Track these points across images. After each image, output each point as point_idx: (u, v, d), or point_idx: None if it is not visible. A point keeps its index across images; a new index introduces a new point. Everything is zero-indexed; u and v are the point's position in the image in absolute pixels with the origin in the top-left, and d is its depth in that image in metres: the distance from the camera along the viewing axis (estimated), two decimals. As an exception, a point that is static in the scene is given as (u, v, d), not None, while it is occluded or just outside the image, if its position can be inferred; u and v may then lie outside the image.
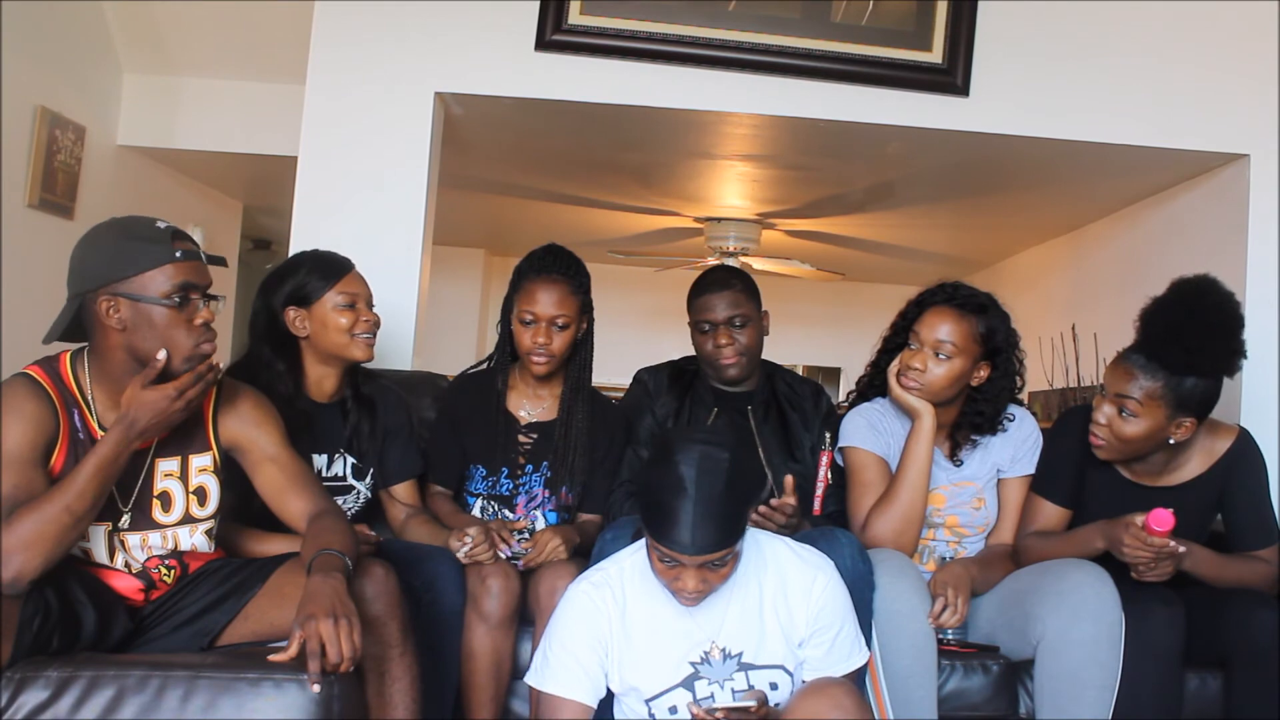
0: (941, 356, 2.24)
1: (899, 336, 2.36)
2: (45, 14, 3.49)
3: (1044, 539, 2.27)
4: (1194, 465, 2.26)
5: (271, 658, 1.59)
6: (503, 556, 2.14)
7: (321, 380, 2.28)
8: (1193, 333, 2.10)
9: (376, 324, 2.28)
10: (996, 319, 2.30)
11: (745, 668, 1.77)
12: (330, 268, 2.26)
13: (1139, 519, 2.04)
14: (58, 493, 1.64)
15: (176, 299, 1.73)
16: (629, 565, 1.82)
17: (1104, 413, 2.19)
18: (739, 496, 1.68)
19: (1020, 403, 2.45)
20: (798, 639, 1.80)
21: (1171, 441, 2.18)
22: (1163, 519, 2.01)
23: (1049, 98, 3.13)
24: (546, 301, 2.30)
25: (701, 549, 1.64)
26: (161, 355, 1.72)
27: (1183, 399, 2.12)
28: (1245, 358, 2.16)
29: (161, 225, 1.77)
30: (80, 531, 1.67)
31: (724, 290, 2.45)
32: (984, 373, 2.29)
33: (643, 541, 1.81)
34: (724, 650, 1.77)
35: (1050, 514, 2.31)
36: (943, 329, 2.25)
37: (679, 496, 1.63)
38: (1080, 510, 2.30)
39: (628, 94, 3.10)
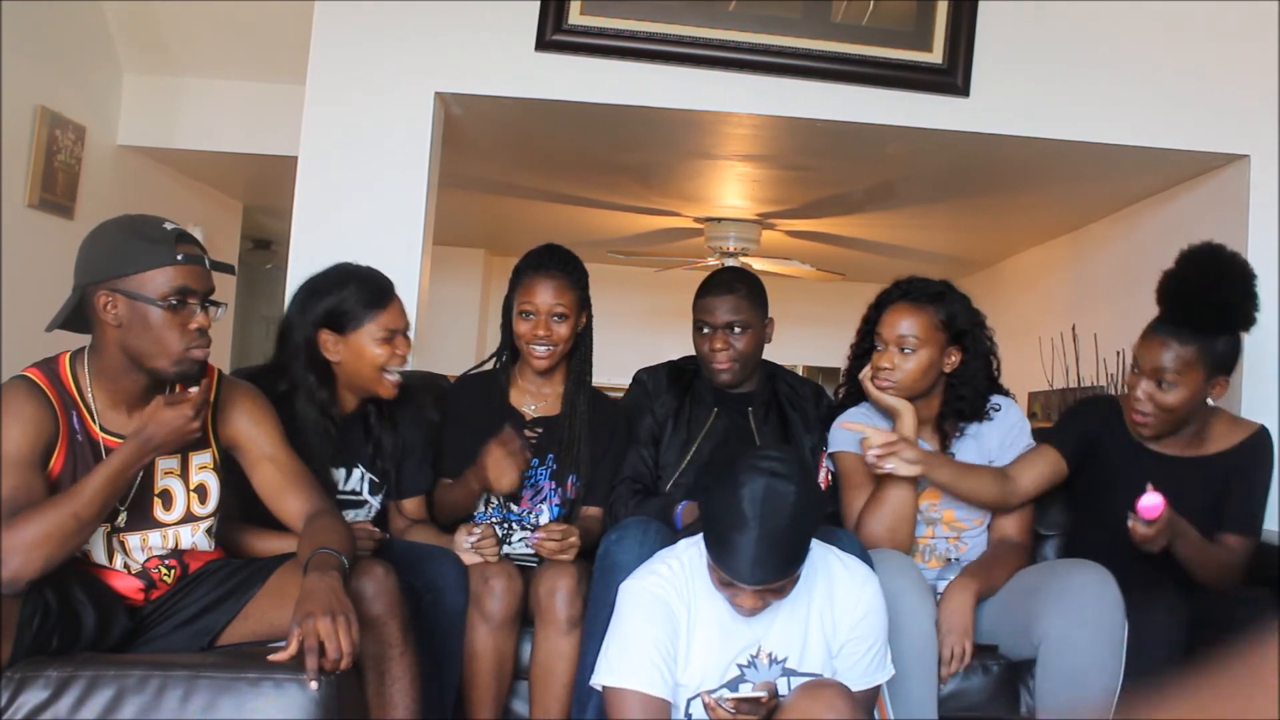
0: (906, 351, 2.26)
1: (865, 342, 2.38)
2: (45, 14, 3.49)
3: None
4: (1213, 444, 2.33)
5: (271, 657, 1.59)
6: (523, 548, 2.13)
7: (346, 400, 2.25)
8: (1218, 291, 2.20)
9: (408, 355, 2.22)
10: (955, 304, 2.32)
11: (789, 673, 1.77)
12: (375, 295, 2.18)
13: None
14: (66, 498, 1.64)
15: (173, 301, 1.73)
16: (687, 560, 1.81)
17: (1143, 389, 2.25)
18: (802, 528, 1.66)
19: (1005, 391, 2.45)
20: (837, 647, 1.80)
21: (1211, 402, 2.26)
22: (1152, 508, 2.04)
23: (1049, 98, 3.13)
24: (545, 294, 2.33)
25: (761, 580, 1.64)
26: (193, 391, 1.74)
27: (1216, 360, 2.21)
28: (1259, 310, 2.25)
29: (169, 227, 1.77)
30: (84, 538, 1.67)
31: (727, 294, 2.45)
32: (955, 358, 2.31)
33: (700, 538, 1.80)
34: (770, 655, 1.77)
35: (1042, 456, 2.34)
36: (902, 324, 2.27)
37: (741, 530, 1.62)
38: (1105, 481, 2.35)
39: (628, 94, 3.10)
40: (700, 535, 1.78)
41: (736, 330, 2.44)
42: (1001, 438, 2.37)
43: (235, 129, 4.15)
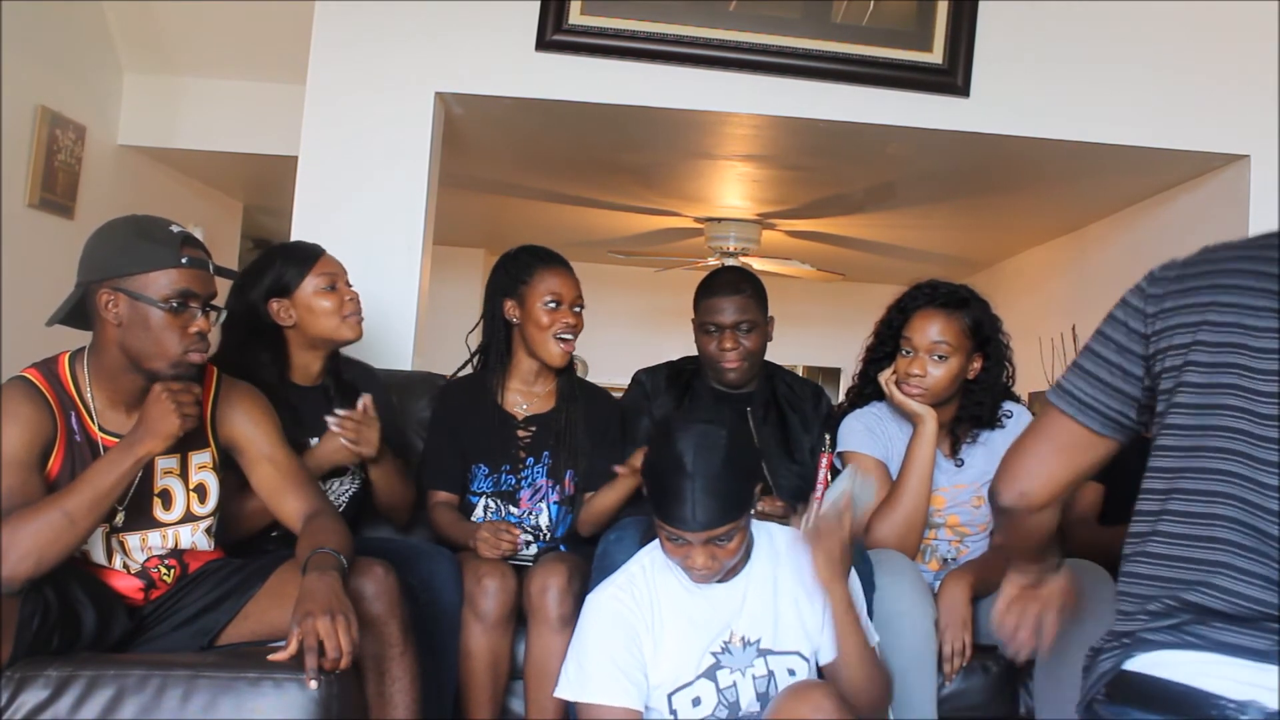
0: (938, 358, 2.25)
1: (885, 345, 2.36)
2: (45, 14, 3.49)
3: (1083, 529, 2.37)
4: None
5: (272, 657, 1.59)
6: (523, 550, 2.18)
7: (308, 365, 2.28)
8: None
9: (359, 302, 2.28)
10: (979, 309, 2.31)
11: (764, 653, 1.78)
12: (303, 253, 2.26)
13: None
14: (56, 496, 1.64)
15: (174, 304, 1.73)
16: (649, 563, 1.83)
17: None
18: (738, 472, 1.72)
19: (1017, 398, 2.45)
20: (815, 624, 1.81)
21: None
22: None
23: (1049, 98, 3.13)
24: (569, 284, 2.36)
25: (704, 525, 1.67)
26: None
27: None
28: None
29: (175, 229, 1.77)
30: (77, 538, 1.65)
31: (734, 294, 2.45)
32: (978, 364, 2.30)
33: (657, 542, 1.82)
34: (744, 638, 1.79)
35: (1091, 491, 2.38)
36: (934, 330, 2.25)
37: (679, 475, 1.67)
38: (1133, 476, 2.33)
39: (628, 94, 3.10)
40: (658, 540, 1.81)
41: (744, 329, 2.44)
42: None
43: (235, 129, 4.15)
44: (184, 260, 1.74)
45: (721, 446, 1.70)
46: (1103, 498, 2.42)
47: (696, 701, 1.76)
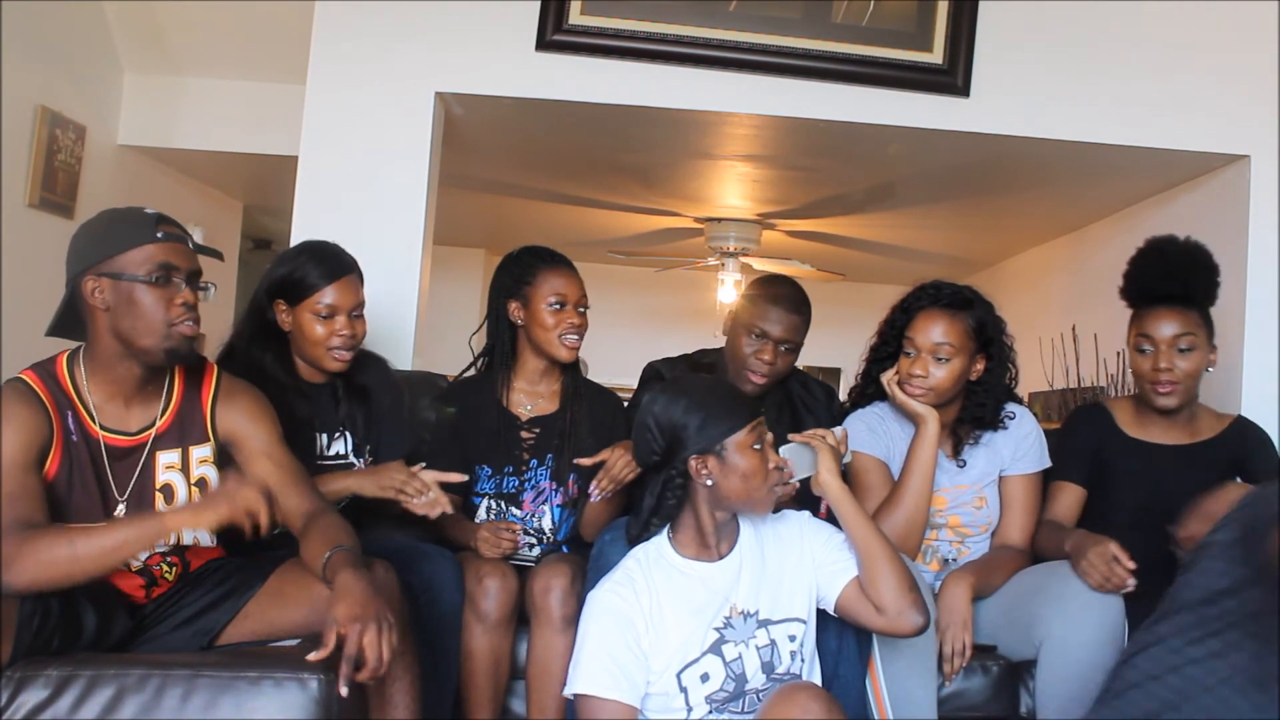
0: (941, 359, 2.24)
1: (888, 345, 2.36)
2: (45, 14, 3.49)
3: (1045, 531, 2.35)
4: (1203, 431, 2.43)
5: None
6: (526, 551, 2.19)
7: (304, 369, 2.27)
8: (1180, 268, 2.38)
9: (355, 336, 2.21)
10: (983, 310, 2.31)
11: (764, 624, 1.83)
12: (324, 269, 2.19)
13: (1114, 548, 2.03)
14: (74, 529, 1.63)
15: (155, 277, 1.74)
16: (644, 556, 1.87)
17: (1165, 360, 2.33)
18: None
19: (1019, 399, 2.45)
20: (807, 586, 1.88)
21: (1210, 371, 2.39)
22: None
23: (1049, 98, 3.13)
24: (572, 284, 2.36)
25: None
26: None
27: (1211, 326, 2.37)
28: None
29: (149, 211, 1.80)
30: (74, 577, 1.61)
31: (794, 314, 2.45)
32: (981, 365, 2.30)
33: (651, 537, 1.88)
34: (743, 612, 1.83)
35: (1069, 495, 2.40)
36: (937, 331, 2.25)
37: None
38: (1107, 478, 2.41)
39: (628, 94, 3.10)
40: (652, 536, 1.88)
41: (785, 348, 2.46)
42: (1014, 448, 2.36)
43: (235, 129, 4.15)
44: (159, 235, 1.76)
45: None
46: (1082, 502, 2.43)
47: (705, 677, 1.79)
